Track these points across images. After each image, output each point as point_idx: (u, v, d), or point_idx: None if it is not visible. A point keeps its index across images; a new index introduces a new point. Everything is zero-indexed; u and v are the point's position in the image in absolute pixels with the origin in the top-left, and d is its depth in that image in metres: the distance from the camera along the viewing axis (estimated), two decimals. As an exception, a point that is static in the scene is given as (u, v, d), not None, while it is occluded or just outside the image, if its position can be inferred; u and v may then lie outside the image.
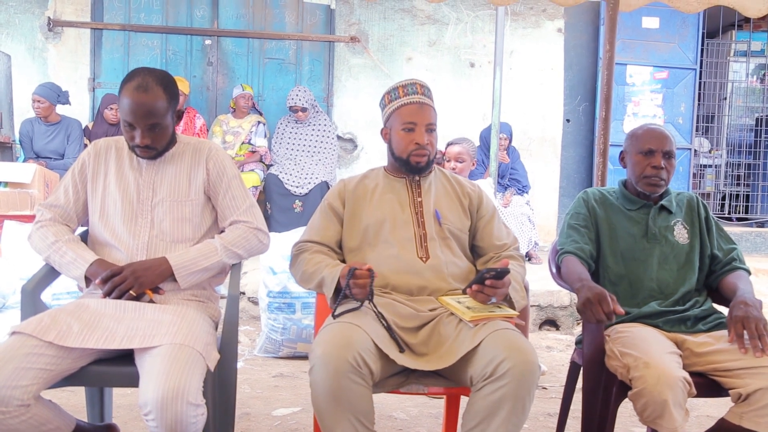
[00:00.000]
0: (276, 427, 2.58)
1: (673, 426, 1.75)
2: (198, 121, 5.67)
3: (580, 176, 6.66)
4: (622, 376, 1.89)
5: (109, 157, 2.04)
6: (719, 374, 1.89)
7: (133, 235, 1.96)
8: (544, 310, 4.39)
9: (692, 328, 2.07)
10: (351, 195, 2.11)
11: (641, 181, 2.18)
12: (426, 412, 2.79)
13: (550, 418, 2.74)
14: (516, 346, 1.69)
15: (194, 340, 1.70)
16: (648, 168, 2.16)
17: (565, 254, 2.16)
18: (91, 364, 1.74)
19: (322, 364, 1.65)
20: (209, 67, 6.20)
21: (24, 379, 1.57)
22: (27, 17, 6.01)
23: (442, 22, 6.36)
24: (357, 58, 6.29)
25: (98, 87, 6.08)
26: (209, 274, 1.98)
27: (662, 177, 2.16)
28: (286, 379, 3.18)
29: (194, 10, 6.17)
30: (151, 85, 1.89)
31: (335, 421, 1.66)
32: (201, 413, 1.60)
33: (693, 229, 2.21)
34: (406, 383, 1.83)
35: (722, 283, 2.16)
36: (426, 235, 2.03)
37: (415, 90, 2.08)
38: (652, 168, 2.15)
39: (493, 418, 1.66)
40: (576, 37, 6.55)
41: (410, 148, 2.04)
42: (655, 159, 2.15)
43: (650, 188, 2.18)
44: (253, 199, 2.09)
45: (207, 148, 2.06)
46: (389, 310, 1.87)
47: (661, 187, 2.18)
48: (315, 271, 1.96)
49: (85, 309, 1.77)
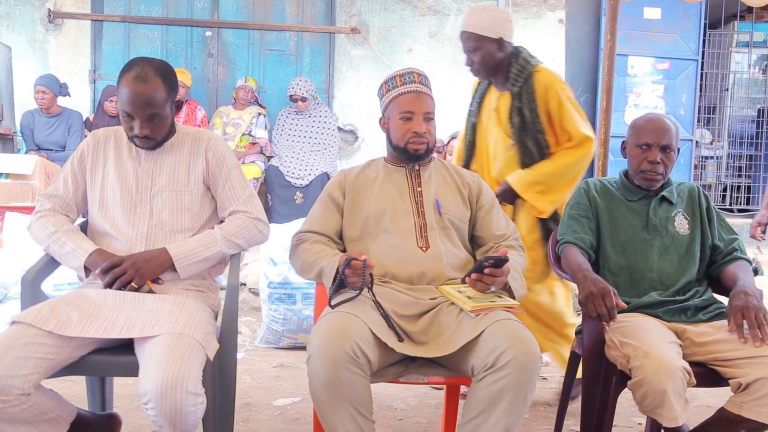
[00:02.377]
0: (276, 417, 2.59)
1: (672, 415, 1.75)
2: (199, 113, 5.67)
3: (581, 167, 6.64)
4: (621, 366, 1.89)
5: (108, 147, 2.03)
6: (719, 364, 1.89)
7: (132, 225, 1.96)
8: (544, 301, 4.38)
9: (692, 317, 2.06)
10: (351, 185, 2.11)
11: (638, 176, 2.18)
12: (426, 402, 2.80)
13: (550, 409, 2.74)
14: (518, 337, 1.69)
15: (193, 330, 1.70)
16: (644, 162, 2.15)
17: (566, 244, 2.16)
18: (91, 354, 1.75)
19: (320, 355, 1.65)
20: (210, 58, 6.19)
21: (24, 369, 1.58)
22: (27, 9, 6.00)
23: (443, 13, 6.34)
24: (358, 50, 6.27)
25: (99, 79, 6.07)
26: (209, 264, 1.98)
27: (659, 172, 2.15)
28: (286, 370, 3.19)
29: (194, 2, 6.16)
30: (149, 75, 1.88)
31: (333, 411, 1.66)
32: (200, 402, 1.61)
33: (694, 220, 2.21)
34: (405, 373, 1.83)
35: (723, 273, 2.15)
36: (426, 224, 2.03)
37: (412, 79, 2.08)
38: (648, 163, 2.14)
39: (494, 409, 1.66)
40: (577, 28, 6.53)
41: (407, 136, 2.04)
42: (652, 153, 2.14)
43: (646, 183, 2.18)
44: (252, 189, 2.08)
45: (206, 138, 2.06)
46: (389, 298, 1.87)
47: (658, 181, 2.18)
48: (314, 260, 1.96)
49: (84, 299, 1.78)
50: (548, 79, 2.58)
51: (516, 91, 2.59)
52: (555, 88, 2.56)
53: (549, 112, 2.57)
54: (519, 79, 2.59)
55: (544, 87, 2.56)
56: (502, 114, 2.65)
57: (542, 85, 2.56)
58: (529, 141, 2.60)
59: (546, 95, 2.56)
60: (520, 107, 2.58)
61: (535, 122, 2.57)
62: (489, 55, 2.59)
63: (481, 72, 2.66)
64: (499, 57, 2.60)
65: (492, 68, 2.63)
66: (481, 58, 2.60)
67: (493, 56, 2.60)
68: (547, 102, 2.56)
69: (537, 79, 2.58)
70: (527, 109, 2.57)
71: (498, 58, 2.60)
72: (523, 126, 2.59)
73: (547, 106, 2.57)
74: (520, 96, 2.58)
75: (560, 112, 2.56)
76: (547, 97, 2.56)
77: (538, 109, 2.57)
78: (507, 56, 2.62)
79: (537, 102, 2.57)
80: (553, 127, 2.60)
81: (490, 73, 2.66)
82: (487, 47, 2.58)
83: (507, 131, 2.64)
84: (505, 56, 2.62)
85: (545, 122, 2.59)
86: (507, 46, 2.62)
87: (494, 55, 2.60)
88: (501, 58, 2.61)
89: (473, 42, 2.59)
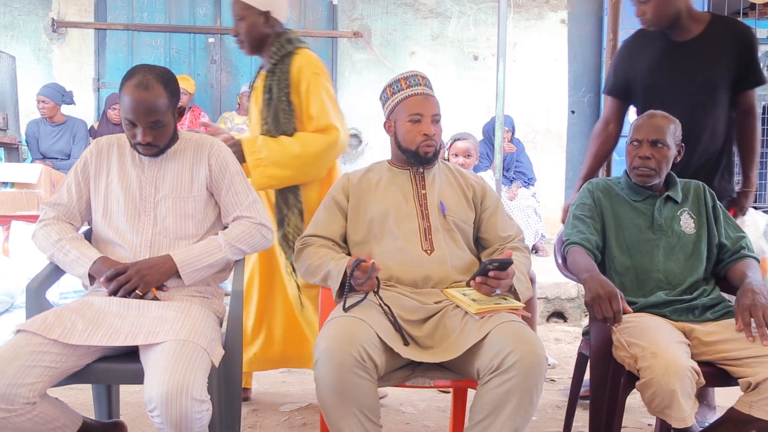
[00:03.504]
0: (283, 422, 2.58)
1: (681, 416, 1.73)
2: (203, 120, 5.67)
3: (586, 168, 6.62)
4: (629, 367, 1.87)
5: (111, 155, 2.04)
6: (728, 363, 1.87)
7: (136, 233, 1.96)
8: (551, 302, 4.38)
9: (700, 317, 2.05)
10: (355, 189, 2.10)
11: (632, 173, 2.18)
12: (434, 406, 2.79)
13: (558, 410, 2.73)
14: (522, 339, 1.68)
15: (198, 336, 1.69)
16: (636, 159, 2.15)
17: (571, 245, 2.15)
18: (96, 362, 1.75)
19: (326, 359, 1.64)
20: (213, 65, 6.21)
21: (29, 377, 1.58)
22: (31, 19, 6.04)
23: (444, 16, 6.34)
24: (360, 54, 6.28)
25: (103, 87, 6.10)
26: (213, 270, 1.98)
27: (650, 167, 2.14)
28: (293, 375, 3.18)
29: (197, 9, 6.18)
30: (151, 83, 1.89)
31: (340, 416, 1.65)
32: (206, 409, 1.60)
33: (700, 219, 2.19)
34: (411, 377, 1.82)
35: (730, 271, 2.14)
36: (430, 227, 2.02)
37: (417, 82, 2.08)
38: (639, 158, 2.14)
39: (501, 411, 1.65)
40: (579, 28, 6.52)
41: (418, 139, 2.04)
42: (641, 149, 2.14)
43: (639, 179, 2.17)
44: (255, 194, 2.08)
45: (209, 144, 2.06)
46: (394, 302, 1.86)
47: (651, 177, 2.16)
48: (320, 264, 1.96)
49: (89, 307, 1.78)
50: (305, 61, 2.50)
51: (270, 68, 2.51)
52: (309, 71, 2.48)
53: (299, 94, 2.49)
54: (276, 56, 2.50)
55: (298, 67, 2.48)
56: (259, 91, 2.56)
57: (297, 66, 2.48)
58: (270, 117, 2.50)
59: (299, 76, 2.48)
60: (270, 84, 2.50)
61: (281, 99, 2.48)
62: (254, 26, 2.50)
63: (246, 45, 2.55)
64: (264, 31, 2.52)
65: (256, 42, 2.54)
66: (247, 28, 2.50)
67: (258, 29, 2.51)
68: (299, 83, 2.48)
69: (294, 60, 2.49)
70: (276, 87, 2.48)
71: (263, 33, 2.52)
72: (270, 102, 2.50)
73: (298, 88, 2.48)
74: (274, 73, 2.50)
75: (308, 96, 2.47)
76: (299, 78, 2.48)
77: (289, 89, 2.48)
78: (274, 34, 2.54)
79: (289, 81, 2.48)
80: (301, 112, 2.50)
81: (255, 47, 2.55)
82: (253, 18, 2.49)
83: (260, 109, 2.55)
84: (271, 33, 2.53)
85: (295, 104, 2.50)
86: (275, 24, 2.54)
87: (259, 29, 2.51)
88: (266, 34, 2.52)
89: (238, 10, 2.51)
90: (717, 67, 2.43)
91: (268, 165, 2.43)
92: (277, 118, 2.48)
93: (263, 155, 2.42)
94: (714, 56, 2.43)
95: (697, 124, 2.43)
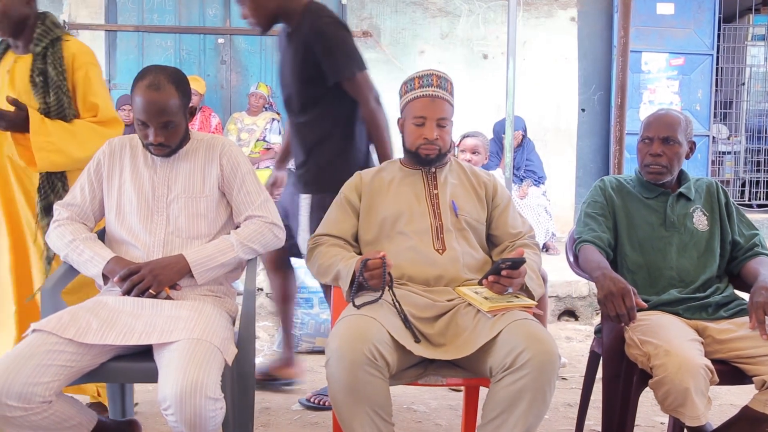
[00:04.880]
0: (296, 421, 2.59)
1: (695, 414, 1.72)
2: (213, 120, 5.70)
3: (596, 166, 6.60)
4: (642, 365, 1.87)
5: (124, 155, 2.05)
6: (742, 361, 1.86)
7: (149, 233, 1.97)
8: (562, 300, 4.37)
9: (713, 314, 2.04)
10: (367, 188, 2.11)
11: (643, 170, 2.17)
12: (445, 404, 2.79)
13: (570, 409, 2.72)
14: (535, 337, 1.68)
15: (211, 335, 1.70)
16: (647, 156, 2.14)
17: (583, 243, 2.14)
18: (111, 361, 1.76)
19: (338, 357, 1.65)
20: (223, 65, 6.23)
21: (45, 376, 1.59)
22: (42, 21, 6.07)
23: (454, 14, 6.33)
24: (369, 53, 6.28)
25: (114, 88, 6.13)
26: (226, 269, 1.99)
27: (661, 164, 2.13)
28: (305, 374, 3.18)
29: (206, 10, 6.20)
30: (163, 83, 1.90)
31: (353, 414, 1.66)
32: (220, 407, 1.61)
33: (713, 216, 2.18)
34: (424, 375, 1.82)
35: (744, 268, 2.13)
36: (442, 226, 2.02)
37: (430, 82, 2.07)
38: (650, 156, 2.13)
39: (514, 409, 1.65)
40: (589, 26, 6.49)
41: (418, 141, 2.05)
42: (652, 146, 2.13)
43: (651, 177, 2.16)
44: (267, 193, 2.09)
45: (220, 144, 2.07)
46: (406, 301, 1.86)
47: (663, 174, 2.15)
48: (331, 264, 1.96)
49: (103, 306, 1.79)
50: (78, 49, 2.43)
51: (39, 51, 2.39)
52: (84, 59, 2.42)
53: (74, 82, 2.42)
54: (44, 39, 2.40)
55: (72, 54, 2.41)
56: (20, 75, 2.43)
57: (70, 52, 2.41)
58: (53, 101, 2.38)
59: (73, 64, 2.41)
60: (44, 68, 2.39)
61: (61, 81, 2.38)
62: (12, 6, 2.34)
63: (3, 27, 2.37)
64: (24, 12, 2.37)
65: (15, 24, 2.38)
66: (3, 8, 2.33)
67: (17, 9, 2.36)
68: (74, 71, 2.41)
69: (66, 45, 2.42)
70: (53, 70, 2.38)
71: (23, 13, 2.37)
72: (46, 84, 2.38)
73: (73, 75, 2.41)
74: (45, 56, 2.39)
75: (86, 84, 2.40)
76: (74, 65, 2.41)
77: (66, 73, 2.40)
78: (34, 16, 2.43)
79: (65, 66, 2.40)
80: (77, 100, 2.43)
81: (13, 29, 2.39)
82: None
83: (29, 92, 2.40)
84: (32, 14, 2.42)
85: (71, 90, 2.41)
86: (34, 5, 2.43)
87: (19, 9, 2.36)
88: (27, 15, 2.38)
89: None
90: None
91: (54, 151, 2.34)
92: (61, 103, 2.38)
93: (52, 139, 2.34)
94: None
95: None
